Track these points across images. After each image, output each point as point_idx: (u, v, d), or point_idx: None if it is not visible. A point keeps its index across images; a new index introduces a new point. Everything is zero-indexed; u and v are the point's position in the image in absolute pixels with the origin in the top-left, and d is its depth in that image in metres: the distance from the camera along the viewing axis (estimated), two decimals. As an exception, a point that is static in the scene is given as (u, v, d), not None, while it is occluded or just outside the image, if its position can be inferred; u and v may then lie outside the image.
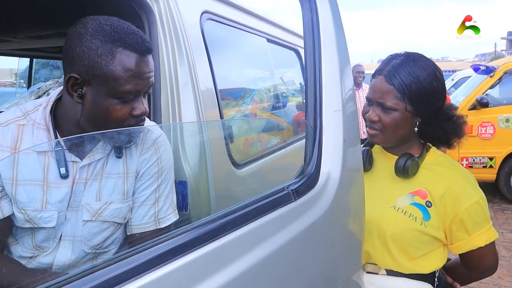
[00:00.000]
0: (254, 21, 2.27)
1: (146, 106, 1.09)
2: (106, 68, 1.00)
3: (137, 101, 1.06)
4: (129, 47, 1.02)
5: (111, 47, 1.01)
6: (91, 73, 1.01)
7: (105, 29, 1.01)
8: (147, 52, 1.07)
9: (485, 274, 1.37)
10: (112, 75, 1.01)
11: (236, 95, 2.06)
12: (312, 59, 1.07)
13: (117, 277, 0.61)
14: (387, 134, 1.27)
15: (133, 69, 1.02)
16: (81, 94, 1.03)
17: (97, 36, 1.00)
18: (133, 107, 1.06)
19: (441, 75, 1.28)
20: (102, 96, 1.03)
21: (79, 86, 1.03)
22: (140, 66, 1.04)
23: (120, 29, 1.03)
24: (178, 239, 0.71)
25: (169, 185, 1.22)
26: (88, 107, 1.04)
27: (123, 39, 1.02)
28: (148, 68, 1.07)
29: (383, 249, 1.29)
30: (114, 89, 1.02)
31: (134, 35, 1.04)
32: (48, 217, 1.09)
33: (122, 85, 1.02)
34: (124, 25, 1.05)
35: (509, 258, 4.12)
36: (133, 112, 1.06)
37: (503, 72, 5.72)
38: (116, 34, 1.02)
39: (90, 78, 1.01)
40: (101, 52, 1.00)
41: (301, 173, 0.99)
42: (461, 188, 1.26)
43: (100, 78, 1.01)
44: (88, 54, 1.00)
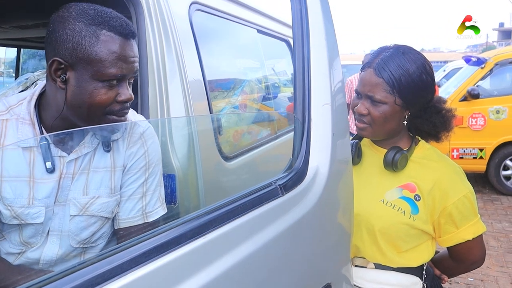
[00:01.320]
0: (244, 12, 2.24)
1: (131, 92, 1.07)
2: (90, 50, 0.99)
3: (122, 86, 1.05)
4: (113, 30, 1.01)
5: (95, 29, 1.00)
6: (75, 56, 0.99)
7: (89, 12, 1.01)
8: (131, 36, 1.05)
9: (473, 266, 1.39)
10: (96, 56, 0.99)
11: (226, 86, 2.04)
12: (301, 52, 1.06)
13: (104, 274, 0.61)
14: (376, 127, 1.27)
15: (117, 51, 1.01)
16: (64, 79, 1.01)
17: (81, 19, 0.99)
18: (118, 92, 1.04)
19: (431, 68, 1.27)
20: (86, 79, 1.01)
21: (62, 71, 1.01)
22: (124, 49, 1.03)
23: (104, 13, 1.02)
24: (164, 235, 0.70)
25: (157, 178, 1.21)
26: (72, 91, 1.02)
27: (107, 22, 1.01)
28: (132, 52, 1.05)
29: (372, 243, 1.30)
30: (99, 72, 1.00)
31: (118, 18, 1.03)
32: (36, 213, 1.08)
33: (107, 67, 1.00)
34: (108, 10, 1.04)
35: (497, 248, 4.18)
36: (117, 98, 1.04)
37: (494, 63, 5.75)
38: (100, 18, 1.01)
39: (74, 61, 1.00)
40: (85, 34, 0.99)
41: (289, 167, 0.99)
42: (449, 181, 1.26)
43: (84, 60, 1.00)
44: (72, 37, 0.99)
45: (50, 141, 1.09)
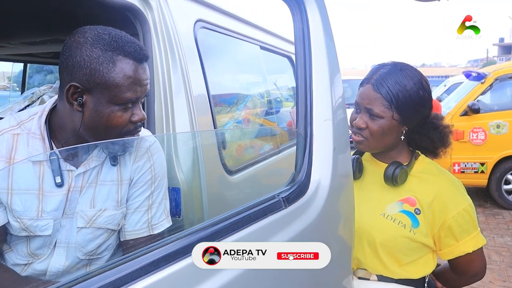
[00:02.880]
0: (247, 29, 2.29)
1: (143, 112, 1.12)
2: (107, 76, 1.03)
3: (136, 107, 1.10)
4: (128, 55, 1.05)
5: (112, 55, 1.03)
6: (93, 81, 1.03)
7: (104, 38, 1.04)
8: (144, 60, 1.10)
9: (474, 279, 1.40)
10: (113, 82, 1.03)
11: (229, 102, 2.08)
12: (303, 68, 1.09)
13: (110, 284, 0.63)
14: (373, 141, 1.29)
15: (133, 76, 1.05)
16: (81, 102, 1.05)
17: (97, 45, 1.03)
18: (133, 113, 1.09)
19: (428, 85, 1.30)
20: (103, 103, 1.05)
21: (79, 94, 1.05)
22: (139, 73, 1.07)
23: (118, 38, 1.05)
24: (170, 246, 0.73)
25: (162, 192, 1.23)
26: (89, 114, 1.06)
27: (122, 47, 1.04)
28: (145, 75, 1.10)
29: (373, 256, 1.32)
30: (116, 96, 1.04)
31: (133, 43, 1.07)
32: (44, 226, 1.10)
33: (123, 92, 1.04)
34: (121, 34, 1.07)
35: (500, 262, 4.16)
36: (132, 118, 1.09)
37: (494, 78, 5.78)
38: (115, 43, 1.04)
39: (92, 86, 1.03)
40: (102, 60, 1.02)
41: (291, 180, 1.02)
42: (449, 195, 1.28)
43: (101, 85, 1.03)
44: (89, 63, 1.02)
45: (60, 156, 1.12)
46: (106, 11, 1.44)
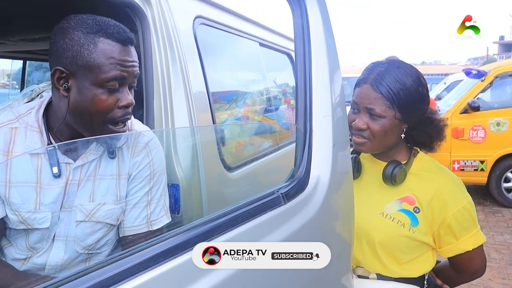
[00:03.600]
0: (247, 26, 2.29)
1: (131, 97, 1.10)
2: (89, 57, 1.03)
3: (122, 92, 1.08)
4: (110, 37, 1.05)
5: (93, 37, 1.04)
6: (75, 64, 1.03)
7: (87, 22, 1.05)
8: (129, 42, 1.09)
9: (474, 276, 1.40)
10: (95, 63, 1.03)
11: (228, 98, 2.07)
12: (302, 64, 1.09)
13: (110, 278, 0.63)
14: (375, 141, 1.27)
15: (115, 56, 1.05)
16: (66, 87, 1.05)
17: (79, 28, 1.04)
18: (118, 98, 1.08)
19: (425, 80, 1.29)
20: (87, 86, 1.04)
21: (65, 79, 1.05)
22: (122, 54, 1.07)
23: (101, 21, 1.06)
24: (169, 241, 0.73)
25: (161, 187, 1.23)
26: (74, 99, 1.06)
27: (105, 29, 1.05)
28: (130, 57, 1.09)
29: (373, 255, 1.31)
30: (98, 77, 1.04)
31: (116, 26, 1.08)
32: (42, 218, 1.10)
33: (105, 72, 1.04)
34: (106, 19, 1.08)
35: (499, 260, 4.17)
36: (119, 103, 1.08)
37: (494, 76, 5.78)
38: (97, 26, 1.05)
39: (75, 69, 1.04)
40: (83, 42, 1.03)
41: (291, 176, 1.01)
42: (448, 193, 1.27)
43: (84, 67, 1.03)
44: (71, 45, 1.03)
45: (57, 148, 1.12)
46: (106, 8, 1.43)
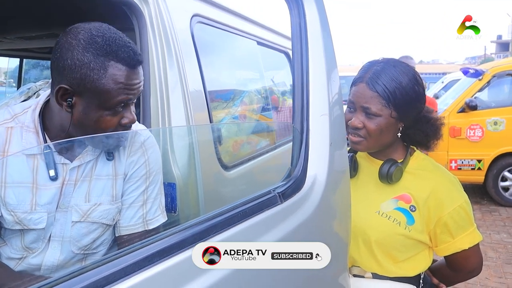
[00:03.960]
0: (244, 24, 2.28)
1: (134, 114, 1.11)
2: (98, 82, 1.01)
3: (127, 110, 1.09)
4: (121, 61, 1.03)
5: (103, 61, 1.01)
6: (83, 86, 1.02)
7: (97, 41, 1.01)
8: (138, 65, 1.08)
9: (470, 275, 1.40)
10: (103, 88, 1.02)
11: (226, 97, 2.07)
12: (299, 63, 1.08)
13: (104, 278, 0.62)
14: (371, 140, 1.27)
15: (124, 82, 1.04)
16: (71, 103, 1.04)
17: (89, 49, 1.00)
18: (122, 116, 1.08)
19: (421, 79, 1.29)
20: (92, 108, 1.04)
21: (68, 96, 1.04)
22: (131, 78, 1.05)
23: (112, 41, 1.03)
24: (165, 241, 0.72)
25: (157, 187, 1.23)
26: (78, 116, 1.05)
27: (116, 52, 1.02)
28: (138, 79, 1.08)
29: (369, 254, 1.31)
30: (105, 102, 1.03)
31: (126, 47, 1.04)
32: (38, 219, 1.10)
33: (113, 97, 1.03)
34: (116, 36, 1.04)
35: (496, 259, 4.18)
36: (122, 121, 1.08)
37: (492, 75, 5.79)
38: (108, 47, 1.02)
39: (82, 90, 1.02)
40: (93, 66, 1.00)
41: (287, 176, 1.01)
42: (444, 191, 1.27)
43: (91, 91, 1.02)
44: (80, 67, 1.00)
45: (54, 149, 1.11)
46: (102, 5, 1.43)
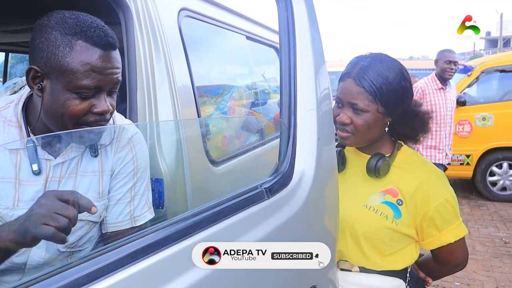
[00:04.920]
0: (233, 19, 2.26)
1: (109, 104, 1.05)
2: (63, 60, 0.98)
3: (98, 98, 1.04)
4: (89, 41, 1.00)
5: (70, 39, 0.99)
6: (49, 65, 0.99)
7: (68, 21, 1.00)
8: (110, 47, 1.03)
9: (456, 268, 1.41)
10: (69, 67, 0.99)
11: (214, 92, 2.06)
12: (287, 58, 1.08)
13: (86, 276, 0.61)
14: (358, 136, 1.28)
15: (91, 63, 1.00)
16: (40, 87, 1.02)
17: (58, 28, 0.99)
18: (93, 104, 1.03)
19: (408, 74, 1.29)
20: (59, 89, 1.01)
21: (39, 79, 1.02)
22: (99, 61, 1.01)
23: (83, 22, 1.01)
24: (151, 237, 0.71)
25: (145, 183, 1.21)
26: (47, 100, 1.02)
27: (85, 32, 1.00)
28: (110, 64, 1.03)
29: (356, 247, 1.32)
30: (71, 83, 0.99)
31: (98, 29, 1.01)
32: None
33: (79, 79, 0.99)
34: (89, 19, 1.02)
35: (484, 253, 4.22)
36: (93, 109, 1.03)
37: (480, 71, 5.84)
38: (78, 27, 1.00)
39: (49, 71, 1.00)
40: (59, 44, 0.98)
41: (275, 171, 1.00)
42: (431, 186, 1.28)
43: (57, 70, 0.99)
44: (47, 46, 0.99)
45: (37, 143, 1.09)
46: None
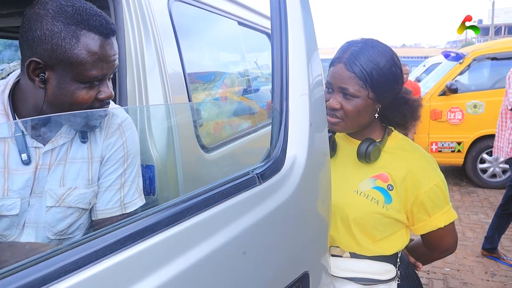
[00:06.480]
0: (225, 4, 2.23)
1: (111, 89, 1.07)
2: (70, 52, 0.97)
3: (103, 84, 1.05)
4: (93, 30, 0.99)
5: (75, 30, 0.97)
6: (55, 57, 0.98)
7: (67, 10, 0.98)
8: (111, 34, 1.04)
9: (445, 253, 1.42)
10: (77, 59, 0.98)
11: (206, 79, 2.03)
12: (279, 42, 1.06)
13: (73, 263, 0.60)
14: (348, 121, 1.27)
15: (98, 52, 1.00)
16: (43, 78, 1.00)
17: (59, 18, 0.97)
18: (99, 90, 1.04)
19: (399, 60, 1.29)
20: (67, 80, 1.00)
21: (41, 70, 1.00)
22: (105, 49, 1.02)
23: (82, 10, 0.99)
24: (140, 223, 0.70)
25: (135, 170, 1.20)
26: (52, 92, 1.01)
27: (87, 21, 0.99)
28: (113, 51, 1.05)
29: (347, 232, 1.32)
30: (80, 74, 0.99)
31: (98, 16, 1.01)
32: (11, 205, 1.06)
33: (88, 69, 1.00)
34: (86, 6, 1.01)
35: (473, 239, 4.28)
36: (98, 96, 1.05)
37: (472, 59, 5.87)
38: (79, 16, 0.98)
39: (54, 63, 0.98)
40: (65, 35, 0.97)
41: (266, 157, 0.99)
42: (421, 171, 1.28)
43: (64, 62, 0.98)
44: (51, 37, 0.96)
45: (25, 131, 1.07)
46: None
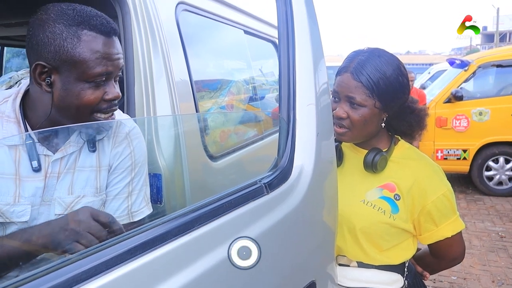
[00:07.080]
0: (231, 13, 2.25)
1: (118, 90, 1.08)
2: (73, 51, 0.99)
3: (109, 85, 1.06)
4: (94, 29, 1.01)
5: (76, 30, 1.00)
6: (58, 59, 0.99)
7: (68, 13, 1.01)
8: (113, 33, 1.06)
9: (453, 262, 1.42)
10: (80, 58, 1.00)
11: (212, 87, 2.04)
12: (286, 52, 1.07)
13: (86, 272, 0.61)
14: (355, 131, 1.27)
15: (101, 50, 1.02)
16: (49, 82, 1.02)
17: (60, 21, 0.99)
18: (105, 91, 1.05)
19: (405, 69, 1.29)
20: (72, 81, 1.01)
21: (47, 74, 1.01)
22: (107, 47, 1.03)
23: (83, 12, 1.02)
24: (150, 232, 0.71)
25: (143, 178, 1.21)
26: (58, 94, 1.02)
27: (88, 21, 1.01)
28: (116, 49, 1.06)
29: (354, 242, 1.32)
30: (84, 73, 1.01)
31: (98, 17, 1.04)
32: (21, 211, 1.07)
33: (92, 67, 1.01)
34: (87, 9, 1.04)
35: (480, 247, 4.25)
36: (105, 96, 1.05)
37: (477, 66, 5.86)
38: (79, 17, 1.01)
39: (58, 64, 1.00)
40: (66, 36, 0.99)
41: (274, 166, 1.00)
42: (428, 180, 1.28)
43: (68, 62, 1.00)
44: (53, 39, 0.99)
45: (36, 139, 1.08)
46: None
